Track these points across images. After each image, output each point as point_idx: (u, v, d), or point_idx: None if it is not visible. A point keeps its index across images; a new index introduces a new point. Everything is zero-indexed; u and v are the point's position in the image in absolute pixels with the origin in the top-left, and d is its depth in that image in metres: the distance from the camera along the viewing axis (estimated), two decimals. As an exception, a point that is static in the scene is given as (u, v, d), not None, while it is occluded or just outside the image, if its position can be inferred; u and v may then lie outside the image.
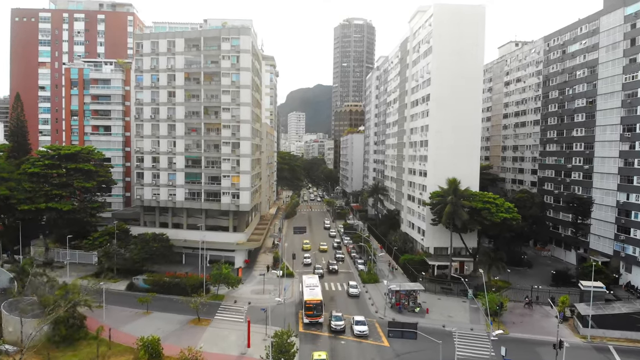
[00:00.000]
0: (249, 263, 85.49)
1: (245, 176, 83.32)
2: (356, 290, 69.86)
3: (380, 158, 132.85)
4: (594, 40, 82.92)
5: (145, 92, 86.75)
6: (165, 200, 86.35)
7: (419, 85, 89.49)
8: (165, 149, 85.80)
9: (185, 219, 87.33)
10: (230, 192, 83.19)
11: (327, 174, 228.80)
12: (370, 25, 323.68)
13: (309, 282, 63.54)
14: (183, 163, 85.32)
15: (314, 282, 63.69)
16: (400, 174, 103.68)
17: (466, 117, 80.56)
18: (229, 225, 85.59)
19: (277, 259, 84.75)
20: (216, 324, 57.73)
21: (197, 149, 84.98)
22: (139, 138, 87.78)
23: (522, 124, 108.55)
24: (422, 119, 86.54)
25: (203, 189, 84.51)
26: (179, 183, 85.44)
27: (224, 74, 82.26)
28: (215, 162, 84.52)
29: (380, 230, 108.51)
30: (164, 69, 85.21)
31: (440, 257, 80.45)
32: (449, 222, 73.29)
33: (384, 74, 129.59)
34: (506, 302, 61.73)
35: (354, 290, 70.09)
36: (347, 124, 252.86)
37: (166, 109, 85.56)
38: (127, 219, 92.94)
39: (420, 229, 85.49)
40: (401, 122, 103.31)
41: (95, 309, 58.61)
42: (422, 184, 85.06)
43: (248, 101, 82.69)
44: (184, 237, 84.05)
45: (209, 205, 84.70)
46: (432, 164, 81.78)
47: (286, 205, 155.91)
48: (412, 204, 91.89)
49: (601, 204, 78.35)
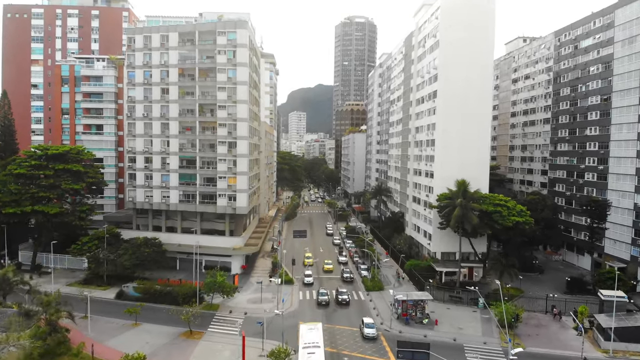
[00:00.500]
0: (247, 268, 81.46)
1: (242, 177, 79.12)
2: (373, 332, 53.87)
3: (383, 158, 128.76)
4: (608, 35, 78.73)
5: (138, 89, 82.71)
6: (159, 202, 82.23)
7: (424, 81, 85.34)
8: (159, 149, 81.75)
9: (180, 222, 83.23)
10: (226, 194, 78.97)
11: (328, 174, 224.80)
12: (371, 24, 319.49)
13: (308, 339, 45.83)
14: (177, 163, 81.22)
15: (315, 339, 45.73)
16: (404, 174, 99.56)
17: (475, 114, 76.48)
18: (225, 229, 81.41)
19: (276, 265, 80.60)
20: (209, 337, 53.63)
21: (192, 148, 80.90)
22: (130, 137, 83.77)
23: (531, 123, 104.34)
24: (429, 117, 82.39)
25: (198, 191, 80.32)
26: (173, 184, 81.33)
27: (219, 69, 78.14)
28: (210, 162, 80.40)
29: (384, 233, 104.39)
30: (157, 65, 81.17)
31: (448, 262, 76.35)
32: (458, 226, 69.15)
33: (387, 71, 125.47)
34: (522, 313, 57.60)
35: (370, 331, 53.76)
36: (348, 123, 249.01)
37: (159, 107, 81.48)
38: (119, 222, 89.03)
39: (427, 233, 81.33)
40: (406, 120, 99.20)
41: (81, 319, 54.93)
42: (429, 186, 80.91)
43: (245, 98, 78.57)
44: (178, 242, 79.88)
45: (204, 208, 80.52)
46: (439, 164, 77.63)
47: (286, 207, 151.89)
48: (418, 206, 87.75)
49: (617, 206, 74.13)
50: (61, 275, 76.83)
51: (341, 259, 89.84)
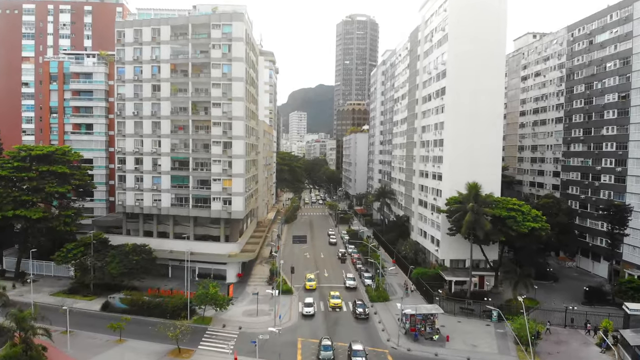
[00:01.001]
0: (243, 276, 76.78)
1: (238, 180, 74.41)
2: None
3: (387, 159, 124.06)
4: (626, 29, 73.99)
5: (128, 85, 78.15)
6: (150, 206, 77.61)
7: (432, 78, 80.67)
8: (150, 149, 77.12)
9: (172, 227, 78.54)
10: (221, 197, 74.31)
11: (329, 175, 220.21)
12: (373, 22, 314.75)
13: None
14: (169, 165, 76.59)
15: None
16: (409, 176, 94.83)
17: (486, 112, 71.99)
18: (220, 235, 76.69)
19: (274, 272, 75.69)
20: (199, 356, 48.98)
21: (185, 149, 76.31)
22: (120, 137, 79.17)
23: (542, 122, 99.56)
24: (436, 115, 77.71)
25: (191, 194, 75.62)
26: (165, 187, 76.68)
27: (214, 64, 73.51)
28: (204, 163, 75.77)
29: (388, 237, 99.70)
30: (148, 60, 76.59)
31: (458, 271, 71.63)
32: (469, 233, 64.50)
33: (391, 69, 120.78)
34: (542, 329, 52.89)
35: None
36: (349, 123, 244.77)
37: (150, 105, 76.87)
38: (109, 227, 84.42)
39: (435, 239, 76.62)
40: (411, 119, 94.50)
41: (61, 334, 50.43)
42: (436, 188, 76.21)
43: (241, 95, 73.90)
44: (170, 248, 75.34)
45: (197, 213, 75.86)
46: (448, 165, 72.95)
47: (286, 209, 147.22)
48: (424, 210, 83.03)
49: (638, 211, 69.43)
50: (46, 283, 72.37)
51: (349, 283, 73.77)
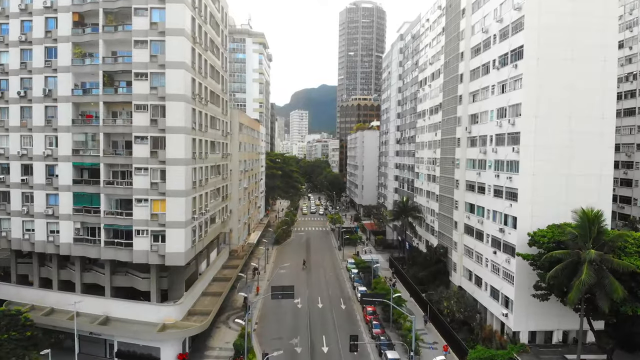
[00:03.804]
0: (195, 350, 47.75)
1: (176, 201, 44.84)
2: None
3: (407, 162, 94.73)
4: None
5: (12, 51, 49.53)
6: (43, 241, 48.60)
7: (490, 38, 51.45)
8: (42, 151, 48.27)
9: (79, 275, 49.44)
10: (148, 230, 44.92)
11: (332, 179, 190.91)
12: (380, 9, 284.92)
13: None
14: (70, 175, 47.50)
15: None
16: (448, 189, 65.45)
17: (590, 89, 43.12)
18: (151, 291, 47.24)
19: (241, 350, 45.52)
20: None
21: (94, 149, 47.27)
22: (2, 131, 50.45)
23: (628, 112, 69.97)
24: (502, 95, 48.46)
25: (102, 224, 46.50)
26: (64, 211, 47.53)
27: (137, 9, 44.55)
28: (124, 173, 46.89)
29: (414, 272, 70.58)
30: (40, 10, 47.87)
31: (545, 350, 42.56)
32: (583, 301, 35.39)
33: (413, 42, 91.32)
34: None
35: None
36: (354, 120, 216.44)
37: (43, 79, 48.09)
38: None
39: (502, 296, 47.23)
40: (450, 105, 65.12)
41: None
42: (506, 213, 46.80)
43: (181, 59, 44.79)
44: (78, 307, 46.05)
45: (113, 254, 46.52)
46: (529, 176, 43.78)
47: (277, 224, 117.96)
48: (479, 243, 53.69)
49: None
50: None
51: None
